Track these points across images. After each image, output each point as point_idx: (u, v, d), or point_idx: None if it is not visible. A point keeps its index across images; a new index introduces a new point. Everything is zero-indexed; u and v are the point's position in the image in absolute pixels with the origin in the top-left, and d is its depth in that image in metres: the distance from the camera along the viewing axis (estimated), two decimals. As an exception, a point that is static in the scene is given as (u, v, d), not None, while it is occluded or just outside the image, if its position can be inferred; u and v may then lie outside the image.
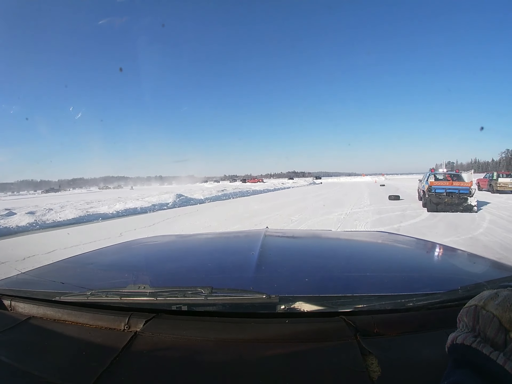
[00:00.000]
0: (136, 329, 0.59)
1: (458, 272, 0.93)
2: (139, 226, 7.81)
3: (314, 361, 0.49)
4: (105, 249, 1.42)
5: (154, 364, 0.51)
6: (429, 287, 0.72)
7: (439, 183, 9.81)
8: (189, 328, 0.59)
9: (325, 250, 1.27)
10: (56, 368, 0.51)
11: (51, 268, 1.10)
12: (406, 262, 1.05)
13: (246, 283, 0.75)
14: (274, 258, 1.00)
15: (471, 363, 0.36)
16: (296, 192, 22.86)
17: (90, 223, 8.95)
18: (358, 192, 20.19)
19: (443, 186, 9.54)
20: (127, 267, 1.07)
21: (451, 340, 0.39)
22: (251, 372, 0.48)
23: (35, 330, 0.64)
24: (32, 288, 0.81)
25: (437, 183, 9.79)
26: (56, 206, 12.66)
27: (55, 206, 12.08)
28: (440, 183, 9.87)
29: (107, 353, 0.53)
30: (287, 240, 1.49)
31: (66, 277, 0.92)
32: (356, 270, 0.90)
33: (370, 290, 0.71)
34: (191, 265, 1.04)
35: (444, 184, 9.71)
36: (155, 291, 0.64)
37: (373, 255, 1.19)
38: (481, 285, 0.63)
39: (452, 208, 9.12)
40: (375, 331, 0.55)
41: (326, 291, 0.72)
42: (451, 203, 9.17)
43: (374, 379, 0.45)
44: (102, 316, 0.65)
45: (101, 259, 1.23)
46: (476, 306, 0.39)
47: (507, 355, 0.34)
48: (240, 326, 0.58)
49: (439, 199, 9.23)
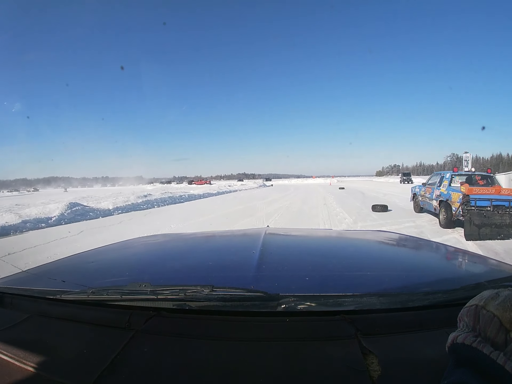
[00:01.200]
0: (137, 328, 0.59)
1: (459, 272, 0.93)
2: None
3: (315, 360, 0.49)
4: (105, 247, 1.42)
5: (155, 362, 0.51)
6: (429, 287, 0.72)
7: (480, 190, 5.82)
8: (190, 326, 0.59)
9: (326, 249, 1.27)
10: (57, 366, 0.52)
11: (51, 266, 1.10)
12: (407, 261, 1.05)
13: (247, 281, 0.75)
14: (275, 257, 1.01)
15: (471, 362, 0.36)
16: (241, 198, 17.78)
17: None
18: (321, 198, 15.87)
19: (487, 195, 5.65)
20: (128, 266, 1.07)
21: (451, 340, 0.39)
22: (252, 370, 0.48)
23: (36, 328, 0.64)
24: (33, 286, 0.81)
25: (478, 190, 5.79)
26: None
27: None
28: (481, 190, 5.89)
29: (108, 352, 0.53)
30: (288, 239, 1.49)
31: (67, 276, 0.92)
32: (356, 269, 0.90)
33: (371, 289, 0.71)
34: (192, 263, 1.04)
35: (486, 192, 5.81)
36: (156, 290, 0.65)
37: (374, 254, 1.19)
38: (481, 285, 0.63)
39: (503, 232, 5.29)
40: (376, 330, 0.55)
41: (327, 290, 0.72)
42: (501, 224, 5.32)
43: (374, 378, 0.45)
44: (103, 315, 0.65)
45: (101, 258, 1.23)
46: (477, 306, 0.39)
47: (507, 355, 0.34)
48: (240, 325, 0.59)
49: (485, 217, 5.33)
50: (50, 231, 7.69)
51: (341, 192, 20.88)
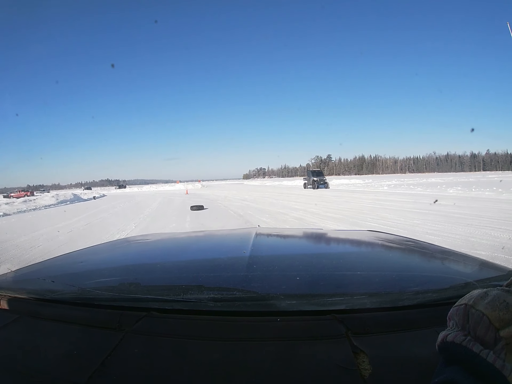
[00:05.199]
0: (127, 328, 0.59)
1: (448, 271, 0.95)
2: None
3: (305, 360, 0.49)
4: (96, 247, 1.40)
5: (145, 363, 0.50)
6: (419, 286, 0.73)
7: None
8: (180, 327, 0.59)
9: (317, 249, 1.28)
10: (47, 368, 0.51)
11: (41, 266, 1.09)
12: (396, 261, 1.06)
13: (237, 281, 0.75)
14: (266, 256, 1.01)
15: (461, 361, 0.36)
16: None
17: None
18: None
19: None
20: (118, 265, 1.06)
21: (441, 338, 0.40)
22: (243, 370, 0.48)
23: (25, 329, 0.63)
24: (22, 286, 0.79)
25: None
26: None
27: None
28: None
29: (99, 353, 0.52)
30: (278, 239, 1.49)
31: (56, 275, 0.91)
32: (347, 269, 0.91)
33: (361, 288, 0.72)
34: (182, 263, 1.03)
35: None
36: (146, 290, 0.64)
37: (364, 253, 1.20)
38: (471, 284, 0.64)
39: None
40: (366, 330, 0.55)
41: (317, 290, 0.73)
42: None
43: (365, 377, 0.45)
44: (93, 315, 0.64)
45: (91, 257, 1.22)
46: (466, 305, 0.39)
47: (496, 353, 0.34)
48: (232, 325, 0.58)
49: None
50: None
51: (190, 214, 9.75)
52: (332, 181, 33.90)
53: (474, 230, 5.45)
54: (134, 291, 0.65)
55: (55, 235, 7.07)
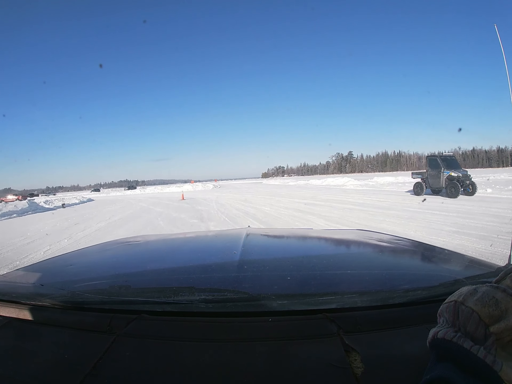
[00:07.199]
0: (118, 331, 0.58)
1: (438, 269, 0.96)
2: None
3: (298, 359, 0.49)
4: (85, 249, 1.38)
5: (137, 366, 0.50)
6: (409, 284, 0.74)
7: None
8: (172, 329, 0.58)
9: (307, 248, 1.29)
10: (38, 373, 0.50)
11: (29, 269, 1.06)
12: (386, 260, 1.07)
13: (228, 282, 0.75)
14: (256, 257, 1.00)
15: (452, 357, 0.37)
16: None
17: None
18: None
19: None
20: (108, 268, 1.04)
21: (432, 335, 0.40)
22: (235, 371, 0.48)
23: (14, 334, 0.62)
24: (10, 290, 0.78)
25: None
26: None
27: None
28: None
29: (90, 356, 0.51)
30: (269, 239, 1.49)
31: (45, 279, 0.89)
32: (337, 268, 0.91)
33: (352, 287, 0.72)
34: (173, 265, 1.02)
35: None
36: (136, 292, 0.63)
37: (354, 252, 1.21)
38: (460, 281, 0.65)
39: None
40: (358, 328, 0.56)
41: (309, 289, 0.73)
42: None
43: (357, 375, 0.45)
44: (84, 318, 0.63)
45: (81, 260, 1.20)
46: (456, 302, 0.40)
47: (487, 349, 0.35)
48: (223, 326, 0.58)
49: None
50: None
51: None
52: (373, 179, 25.99)
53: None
54: (124, 294, 0.64)
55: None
